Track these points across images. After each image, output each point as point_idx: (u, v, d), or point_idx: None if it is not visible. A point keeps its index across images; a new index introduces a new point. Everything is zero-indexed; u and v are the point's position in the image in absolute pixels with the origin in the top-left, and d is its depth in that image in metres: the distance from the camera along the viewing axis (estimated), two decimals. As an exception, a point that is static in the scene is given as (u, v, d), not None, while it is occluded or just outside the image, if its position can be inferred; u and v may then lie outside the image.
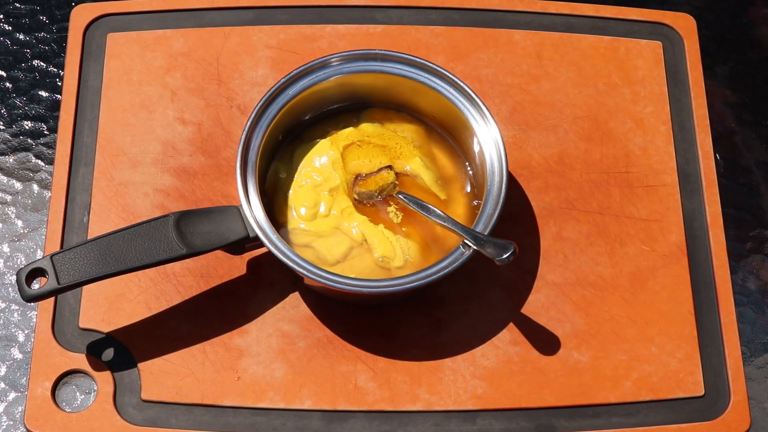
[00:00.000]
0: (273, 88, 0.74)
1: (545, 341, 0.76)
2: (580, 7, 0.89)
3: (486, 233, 0.70)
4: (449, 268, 0.69)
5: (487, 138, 0.74)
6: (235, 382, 0.74)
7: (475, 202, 0.77)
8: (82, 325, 0.75)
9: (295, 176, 0.77)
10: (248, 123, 0.73)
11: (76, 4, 0.87)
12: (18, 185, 0.83)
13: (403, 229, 0.76)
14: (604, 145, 0.83)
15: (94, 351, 0.74)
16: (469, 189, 0.78)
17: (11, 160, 0.84)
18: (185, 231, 0.70)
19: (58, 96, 0.86)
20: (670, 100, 0.85)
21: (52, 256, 0.68)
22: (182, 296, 0.76)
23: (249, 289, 0.77)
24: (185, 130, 0.82)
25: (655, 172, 0.82)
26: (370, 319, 0.76)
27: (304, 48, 0.85)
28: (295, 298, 0.77)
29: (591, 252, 0.79)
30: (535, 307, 0.77)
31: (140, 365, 0.74)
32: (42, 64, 0.87)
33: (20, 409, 0.75)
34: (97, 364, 0.74)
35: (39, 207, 0.82)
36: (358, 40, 0.85)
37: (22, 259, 0.80)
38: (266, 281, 0.77)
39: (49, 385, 0.73)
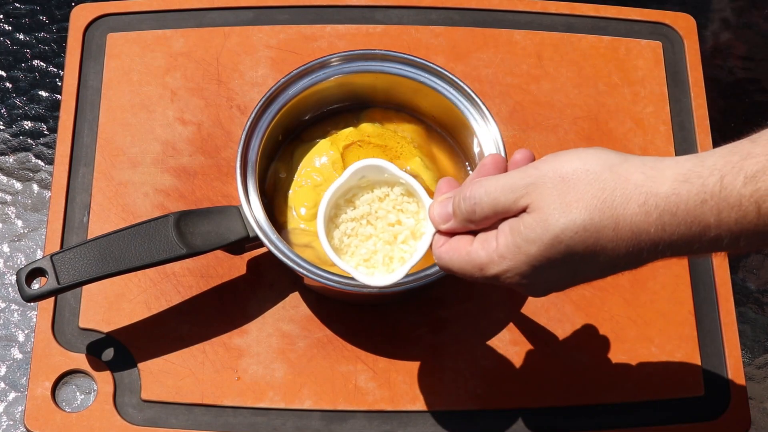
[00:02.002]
0: (273, 88, 0.74)
1: (545, 341, 0.76)
2: (580, 7, 0.89)
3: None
4: (449, 268, 0.69)
5: (487, 138, 0.74)
6: (235, 382, 0.74)
7: (475, 202, 0.77)
8: (82, 325, 0.75)
9: (295, 176, 0.77)
10: (248, 123, 0.73)
11: (76, 4, 0.87)
12: (18, 185, 0.83)
13: (403, 229, 0.76)
14: (604, 145, 0.83)
15: (94, 351, 0.74)
16: (469, 189, 0.78)
17: (11, 160, 0.84)
18: (185, 231, 0.70)
19: (58, 96, 0.86)
20: (670, 100, 0.85)
21: (52, 256, 0.68)
22: (182, 296, 0.76)
23: (249, 289, 0.77)
24: (185, 130, 0.82)
25: (655, 172, 0.82)
26: (370, 319, 0.76)
27: (304, 48, 0.85)
28: (295, 298, 0.77)
29: (591, 252, 0.79)
30: (535, 307, 0.77)
31: (140, 365, 0.74)
32: (42, 64, 0.87)
33: (20, 409, 0.75)
34: (97, 364, 0.74)
35: (39, 207, 0.82)
36: (358, 40, 0.85)
37: (22, 259, 0.80)
38: (266, 281, 0.77)
39: (49, 385, 0.73)
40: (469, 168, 0.78)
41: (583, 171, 0.52)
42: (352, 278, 0.69)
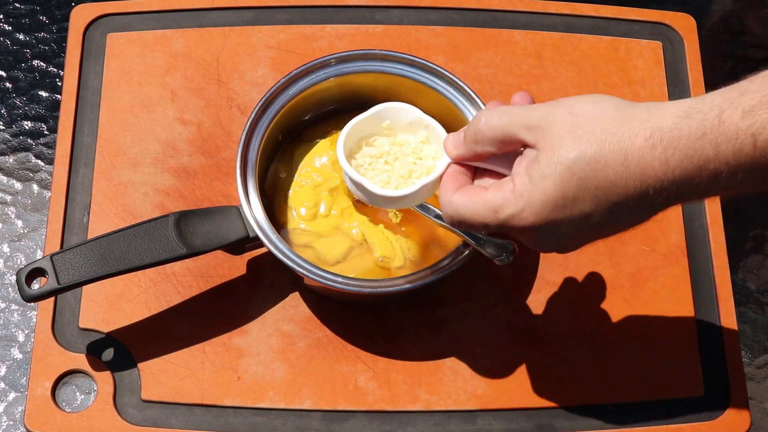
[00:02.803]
0: (273, 88, 0.74)
1: (545, 341, 0.76)
2: (580, 7, 0.89)
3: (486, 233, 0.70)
4: (449, 269, 0.69)
5: (487, 138, 0.74)
6: (235, 382, 0.74)
7: (475, 202, 0.77)
8: (82, 325, 0.75)
9: (295, 176, 0.77)
10: (248, 123, 0.73)
11: (76, 4, 0.87)
12: (18, 185, 0.83)
13: (403, 229, 0.76)
14: (604, 145, 0.83)
15: (94, 351, 0.74)
16: (469, 189, 0.78)
17: (11, 160, 0.84)
18: (185, 231, 0.70)
19: (58, 96, 0.86)
20: (670, 100, 0.85)
21: (52, 256, 0.68)
22: (182, 296, 0.76)
23: (249, 289, 0.77)
24: (185, 130, 0.82)
25: (655, 172, 0.82)
26: (370, 319, 0.76)
27: (304, 48, 0.85)
28: (295, 298, 0.77)
29: (591, 252, 0.79)
30: (535, 307, 0.77)
31: (140, 365, 0.74)
32: (42, 64, 0.87)
33: (20, 409, 0.75)
34: (97, 364, 0.74)
35: (39, 207, 0.82)
36: (358, 40, 0.85)
37: (22, 259, 0.80)
38: (266, 281, 0.77)
39: (49, 385, 0.73)
40: (469, 168, 0.78)
41: (593, 108, 0.55)
42: (351, 278, 0.69)
